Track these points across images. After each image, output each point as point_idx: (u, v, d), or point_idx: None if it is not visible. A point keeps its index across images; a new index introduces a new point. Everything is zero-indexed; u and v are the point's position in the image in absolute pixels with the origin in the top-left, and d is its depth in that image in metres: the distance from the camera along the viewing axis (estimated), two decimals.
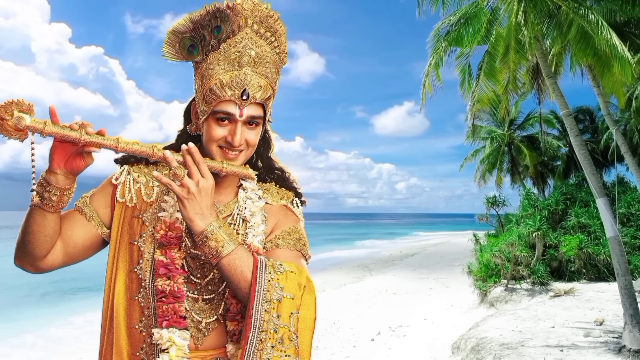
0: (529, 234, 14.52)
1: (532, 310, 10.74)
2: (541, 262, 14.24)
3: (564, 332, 8.63)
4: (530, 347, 7.75)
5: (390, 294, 17.32)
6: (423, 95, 9.76)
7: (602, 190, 7.51)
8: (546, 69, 7.62)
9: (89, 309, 12.49)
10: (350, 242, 48.05)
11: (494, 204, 18.31)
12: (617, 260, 7.24)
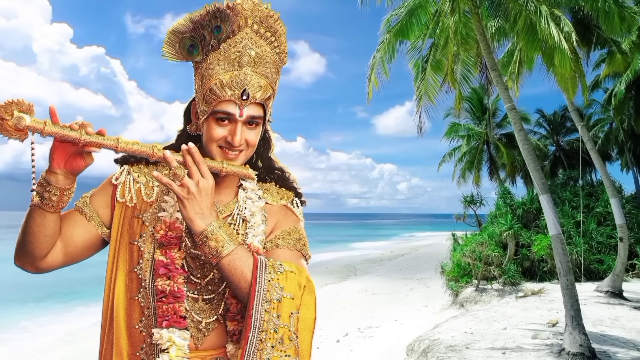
0: (500, 234, 14.31)
1: (492, 312, 10.56)
2: (513, 262, 14.02)
3: (513, 334, 8.45)
4: (475, 350, 7.59)
5: (369, 295, 17.18)
6: (370, 90, 9.51)
7: (546, 186, 7.30)
8: (490, 61, 7.41)
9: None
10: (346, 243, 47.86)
11: (472, 203, 18.07)
12: (559, 259, 7.03)
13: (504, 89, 7.46)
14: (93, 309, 14.61)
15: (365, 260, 30.30)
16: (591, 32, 12.18)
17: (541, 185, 7.21)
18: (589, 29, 12.05)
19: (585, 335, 6.67)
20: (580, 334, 6.66)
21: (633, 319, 9.44)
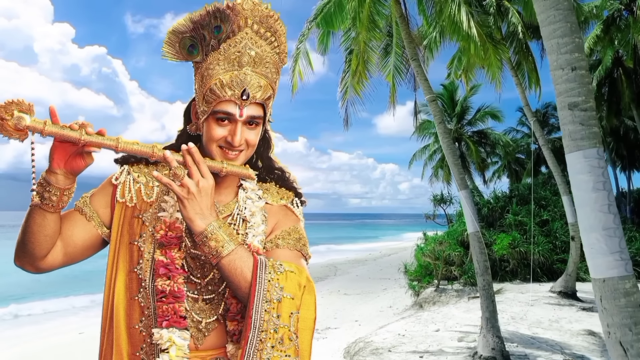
0: (461, 233, 14.03)
1: (436, 313, 10.34)
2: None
3: (442, 337, 8.24)
4: (395, 353, 7.39)
5: (341, 295, 16.99)
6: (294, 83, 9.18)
7: (465, 182, 7.04)
8: (410, 50, 7.14)
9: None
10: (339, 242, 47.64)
11: (442, 202, 17.79)
12: (477, 258, 6.78)
13: (424, 80, 7.19)
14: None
15: (350, 261, 30.09)
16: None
17: (460, 181, 6.96)
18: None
19: (499, 338, 6.42)
20: (494, 337, 6.40)
21: (575, 320, 9.19)
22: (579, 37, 3.14)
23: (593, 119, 3.02)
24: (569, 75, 3.07)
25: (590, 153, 2.98)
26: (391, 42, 8.96)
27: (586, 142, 2.98)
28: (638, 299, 3.02)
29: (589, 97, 3.07)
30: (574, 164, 3.09)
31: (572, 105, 3.01)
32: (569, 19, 3.21)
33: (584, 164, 3.00)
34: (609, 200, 2.95)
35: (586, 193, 2.98)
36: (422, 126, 21.95)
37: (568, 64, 3.09)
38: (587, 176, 2.98)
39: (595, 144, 2.98)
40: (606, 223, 2.95)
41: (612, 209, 2.93)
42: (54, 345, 9.84)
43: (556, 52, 3.12)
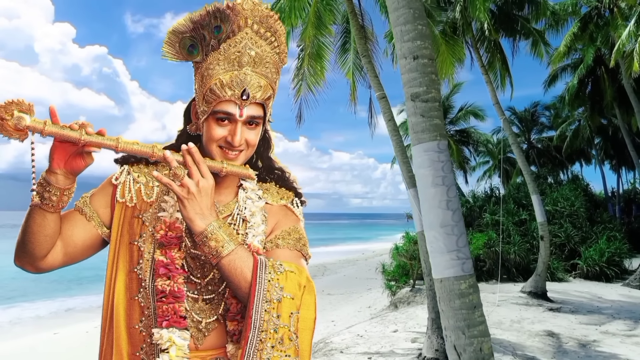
0: None
1: (400, 313, 10.26)
2: None
3: (398, 338, 8.14)
4: (346, 354, 7.31)
5: (324, 295, 16.92)
6: None
7: (413, 180, 6.91)
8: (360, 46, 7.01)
9: None
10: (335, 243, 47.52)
11: None
12: (424, 257, 6.66)
13: (374, 77, 7.07)
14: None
15: (341, 261, 29.96)
16: (514, 21, 11.79)
17: (408, 179, 6.85)
18: (512, 18, 11.66)
19: (443, 340, 6.29)
20: (439, 338, 6.29)
21: (538, 321, 9.07)
22: (423, 25, 2.97)
23: (435, 110, 2.86)
24: (411, 65, 2.91)
25: (429, 146, 2.83)
26: (349, 39, 8.85)
27: (426, 134, 2.83)
28: (474, 301, 2.89)
29: (431, 87, 2.91)
30: (416, 158, 2.93)
31: (414, 96, 2.86)
32: (412, 5, 3.02)
33: (424, 157, 2.85)
34: (448, 196, 2.80)
35: (426, 188, 2.84)
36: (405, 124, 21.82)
37: (410, 52, 2.93)
38: (427, 170, 2.83)
39: (436, 137, 2.82)
40: (444, 220, 2.80)
41: (452, 205, 2.78)
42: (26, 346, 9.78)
43: (400, 40, 2.98)
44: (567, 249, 14.84)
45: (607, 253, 13.83)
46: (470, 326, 2.73)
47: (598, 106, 17.71)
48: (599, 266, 13.66)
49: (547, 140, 26.22)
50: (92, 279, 18.23)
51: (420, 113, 2.87)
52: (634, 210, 23.72)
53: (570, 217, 15.48)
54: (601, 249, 13.96)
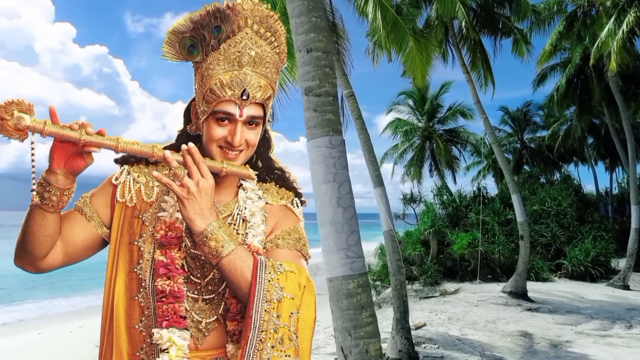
0: (422, 232, 13.83)
1: (379, 314, 10.12)
2: (435, 261, 13.53)
3: None
4: (315, 354, 7.26)
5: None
6: None
7: (380, 179, 6.86)
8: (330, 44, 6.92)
9: None
10: None
11: (411, 201, 17.54)
12: (390, 257, 6.60)
13: (342, 75, 7.02)
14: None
15: None
16: (496, 20, 11.72)
17: (375, 178, 6.79)
18: (493, 17, 11.59)
19: (407, 340, 6.24)
20: (403, 339, 6.23)
21: (514, 321, 9.01)
22: (318, 17, 2.90)
23: (328, 104, 2.78)
24: (305, 58, 2.84)
25: (322, 142, 2.75)
26: None
27: (319, 130, 2.75)
28: (362, 301, 2.82)
29: (324, 81, 2.82)
30: (309, 154, 2.86)
31: (308, 90, 2.79)
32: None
33: (316, 153, 2.78)
34: (340, 193, 2.72)
35: (318, 185, 2.77)
36: (393, 124, 21.76)
37: (304, 45, 2.85)
38: (319, 167, 2.76)
39: (329, 132, 2.74)
40: (335, 217, 2.72)
41: (343, 202, 2.70)
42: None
43: (295, 33, 2.91)
44: (552, 249, 14.77)
45: (593, 253, 13.74)
46: (357, 327, 2.66)
47: (587, 105, 17.63)
48: (584, 266, 13.57)
49: (539, 140, 26.12)
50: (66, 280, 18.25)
51: (313, 108, 2.80)
52: (627, 210, 23.61)
53: (557, 217, 15.40)
54: (587, 248, 13.88)
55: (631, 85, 16.67)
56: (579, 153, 26.18)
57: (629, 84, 16.42)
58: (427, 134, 21.45)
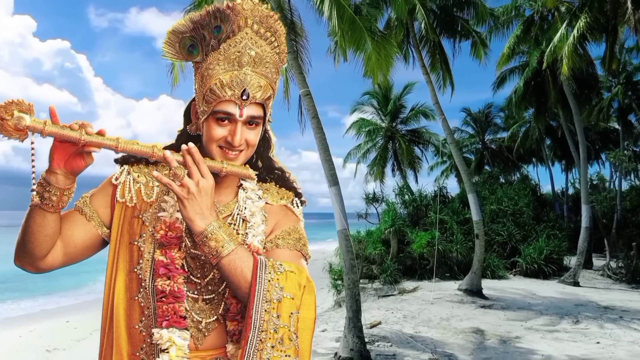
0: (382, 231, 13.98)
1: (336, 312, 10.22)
2: (395, 260, 13.68)
3: (325, 337, 8.08)
4: None
5: None
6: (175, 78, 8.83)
7: (335, 178, 6.87)
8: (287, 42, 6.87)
9: None
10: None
11: (374, 201, 17.73)
12: (344, 256, 6.62)
13: (299, 73, 6.99)
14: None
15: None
16: (455, 23, 11.95)
17: (330, 177, 6.79)
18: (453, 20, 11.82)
19: (359, 339, 6.27)
20: (355, 337, 6.25)
21: (467, 318, 9.20)
22: None
23: None
24: None
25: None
26: None
27: None
28: None
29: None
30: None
31: None
32: None
33: None
34: None
35: None
36: (356, 124, 21.92)
37: None
38: None
39: None
40: None
41: None
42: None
43: None
44: (508, 247, 15.19)
45: (546, 251, 14.21)
46: None
47: (544, 108, 18.15)
48: (537, 264, 14.02)
49: (500, 141, 26.82)
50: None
51: None
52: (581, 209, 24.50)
53: (513, 216, 15.85)
54: (540, 247, 14.34)
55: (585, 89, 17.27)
56: (537, 154, 27.00)
57: (583, 87, 17.00)
58: (390, 134, 21.72)
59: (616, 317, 9.58)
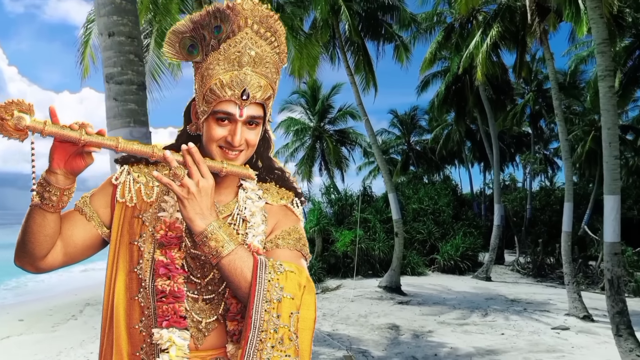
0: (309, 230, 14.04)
1: None
2: (319, 259, 13.77)
3: None
4: None
5: None
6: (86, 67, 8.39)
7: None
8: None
9: None
10: None
11: None
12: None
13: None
14: None
15: None
16: (379, 26, 12.26)
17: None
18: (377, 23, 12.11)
19: None
20: None
21: (384, 315, 9.43)
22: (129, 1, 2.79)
23: (131, 93, 2.67)
24: (107, 42, 2.72)
25: (121, 133, 2.64)
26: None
27: (118, 120, 2.65)
28: None
29: (127, 68, 2.71)
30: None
31: (109, 77, 2.68)
32: None
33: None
34: None
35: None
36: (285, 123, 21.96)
37: (106, 28, 2.72)
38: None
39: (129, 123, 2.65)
40: None
41: None
42: None
43: (97, 15, 2.78)
44: (428, 245, 15.82)
45: (462, 248, 14.94)
46: None
47: (463, 112, 19.06)
48: (454, 260, 14.71)
49: (424, 143, 27.89)
50: None
51: (113, 96, 2.64)
52: None
53: (433, 215, 16.53)
54: (457, 244, 15.05)
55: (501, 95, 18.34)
56: (458, 155, 28.36)
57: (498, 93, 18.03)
58: (317, 134, 21.97)
59: (521, 309, 10.24)
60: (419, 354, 6.91)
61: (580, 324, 9.02)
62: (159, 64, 7.89)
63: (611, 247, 5.98)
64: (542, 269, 15.02)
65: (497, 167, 15.69)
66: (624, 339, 5.64)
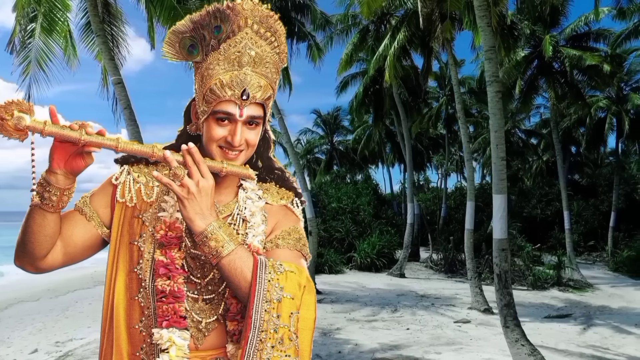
0: None
1: None
2: None
3: None
4: None
5: None
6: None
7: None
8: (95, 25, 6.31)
9: None
10: None
11: None
12: None
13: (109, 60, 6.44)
14: None
15: None
16: (292, 24, 12.28)
17: None
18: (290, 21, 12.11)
19: None
20: None
21: None
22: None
23: None
24: None
25: None
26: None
27: None
28: None
29: None
30: None
31: None
32: None
33: None
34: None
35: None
36: None
37: None
38: None
39: None
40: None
41: None
42: None
43: None
44: (346, 243, 16.08)
45: (379, 246, 15.32)
46: None
47: (381, 113, 19.55)
48: (370, 258, 15.04)
49: (347, 143, 28.41)
50: None
51: None
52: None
53: (351, 214, 16.83)
54: (374, 242, 15.41)
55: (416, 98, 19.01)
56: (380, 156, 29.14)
57: (413, 96, 18.68)
58: None
59: (429, 304, 10.62)
60: (324, 352, 6.92)
61: (480, 316, 9.49)
62: (47, 52, 7.31)
63: (499, 244, 6.24)
64: (454, 265, 15.73)
65: (411, 167, 16.28)
66: (510, 330, 5.92)
